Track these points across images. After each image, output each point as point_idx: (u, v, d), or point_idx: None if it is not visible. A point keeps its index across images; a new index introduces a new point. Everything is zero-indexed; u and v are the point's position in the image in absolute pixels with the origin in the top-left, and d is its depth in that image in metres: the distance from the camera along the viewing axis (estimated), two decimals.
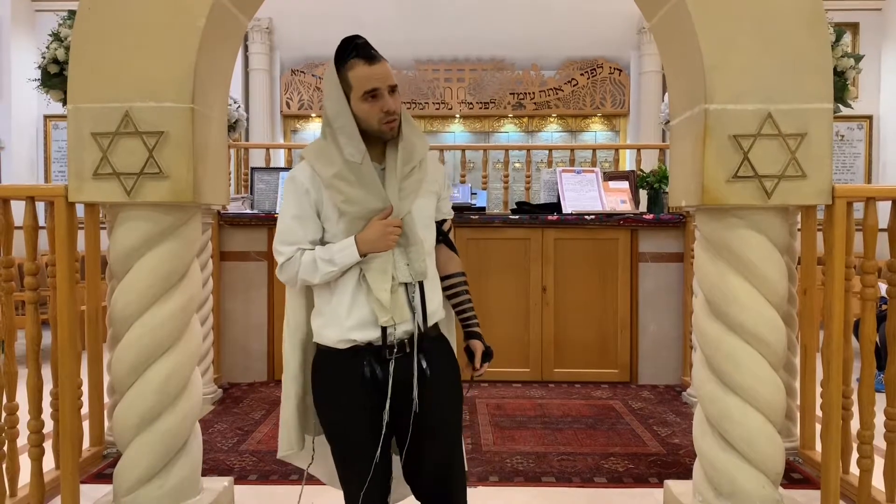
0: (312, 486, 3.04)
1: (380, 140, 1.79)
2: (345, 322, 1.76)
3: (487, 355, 1.90)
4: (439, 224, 1.92)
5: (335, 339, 1.78)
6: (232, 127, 4.77)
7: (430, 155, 1.89)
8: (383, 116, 1.73)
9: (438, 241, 1.92)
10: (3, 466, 2.59)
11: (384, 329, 1.75)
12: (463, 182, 6.11)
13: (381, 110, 1.73)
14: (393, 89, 1.74)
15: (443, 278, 1.93)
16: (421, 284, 1.79)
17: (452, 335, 2.00)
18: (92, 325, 3.14)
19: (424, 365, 1.78)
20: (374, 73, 1.72)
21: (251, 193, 5.34)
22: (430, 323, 1.81)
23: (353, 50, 1.73)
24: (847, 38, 3.89)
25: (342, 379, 1.79)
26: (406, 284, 1.77)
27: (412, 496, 1.96)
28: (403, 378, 1.77)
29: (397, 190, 1.77)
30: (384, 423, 1.76)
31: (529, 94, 9.80)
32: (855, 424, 2.66)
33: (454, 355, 1.93)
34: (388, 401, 1.75)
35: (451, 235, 1.96)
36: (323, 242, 1.81)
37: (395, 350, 1.76)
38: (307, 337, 1.91)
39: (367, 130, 1.76)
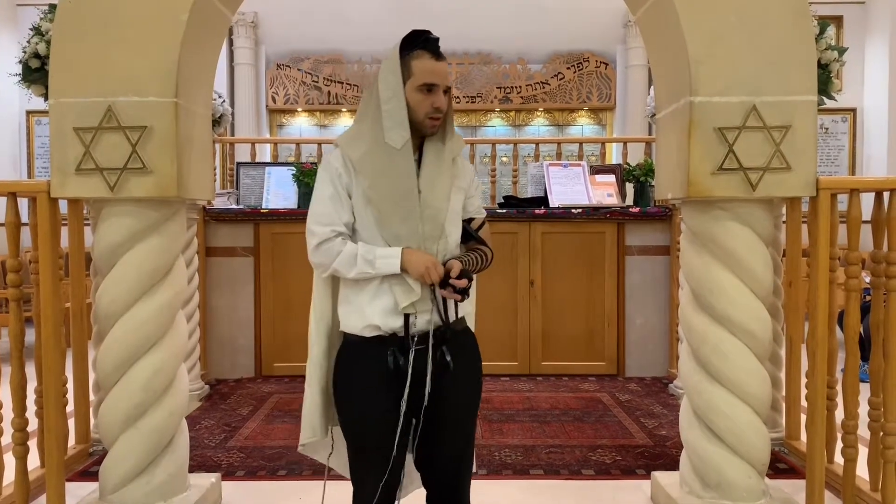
0: (305, 482, 3.05)
1: (417, 133, 1.81)
2: (367, 309, 1.79)
3: (465, 273, 1.75)
4: (467, 222, 1.93)
5: (360, 326, 1.81)
6: (217, 122, 4.73)
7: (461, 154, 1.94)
8: (432, 111, 1.78)
9: (468, 241, 1.93)
10: None
11: (406, 318, 1.77)
12: None
13: (431, 105, 1.78)
14: (447, 90, 1.80)
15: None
16: None
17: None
18: (77, 322, 3.11)
19: (448, 357, 1.79)
20: (437, 69, 1.78)
21: (237, 188, 5.31)
22: (454, 316, 1.82)
23: (424, 42, 1.78)
24: (831, 31, 3.92)
25: (366, 369, 1.80)
26: None
27: (415, 491, 1.98)
28: (424, 368, 1.77)
29: (429, 181, 1.80)
30: (401, 412, 1.76)
31: (516, 87, 9.79)
32: (839, 415, 2.69)
33: (478, 351, 1.93)
34: (407, 389, 1.76)
35: (483, 234, 1.95)
36: (354, 229, 1.82)
37: (417, 340, 1.78)
38: (333, 325, 1.94)
39: (412, 121, 1.79)
